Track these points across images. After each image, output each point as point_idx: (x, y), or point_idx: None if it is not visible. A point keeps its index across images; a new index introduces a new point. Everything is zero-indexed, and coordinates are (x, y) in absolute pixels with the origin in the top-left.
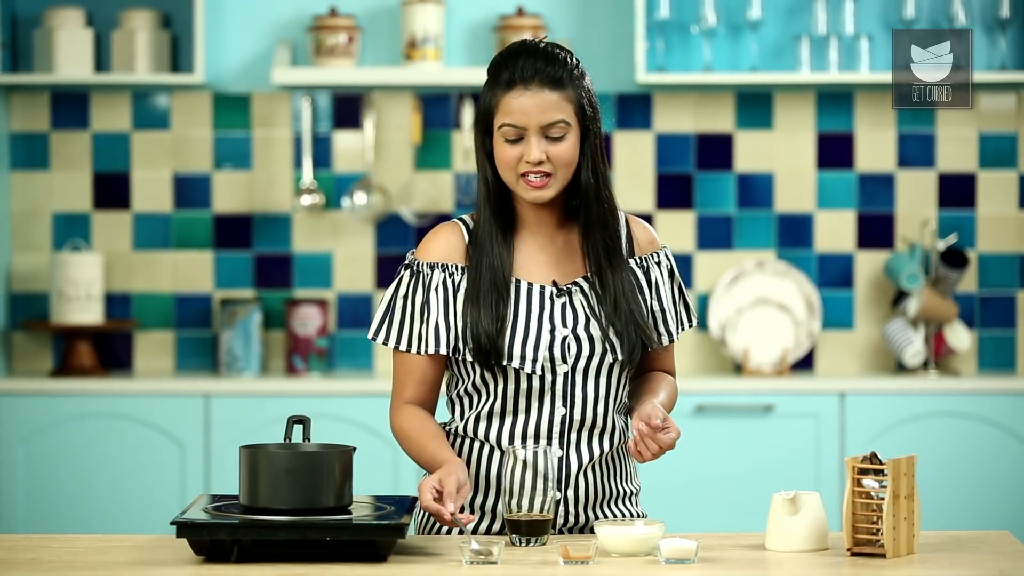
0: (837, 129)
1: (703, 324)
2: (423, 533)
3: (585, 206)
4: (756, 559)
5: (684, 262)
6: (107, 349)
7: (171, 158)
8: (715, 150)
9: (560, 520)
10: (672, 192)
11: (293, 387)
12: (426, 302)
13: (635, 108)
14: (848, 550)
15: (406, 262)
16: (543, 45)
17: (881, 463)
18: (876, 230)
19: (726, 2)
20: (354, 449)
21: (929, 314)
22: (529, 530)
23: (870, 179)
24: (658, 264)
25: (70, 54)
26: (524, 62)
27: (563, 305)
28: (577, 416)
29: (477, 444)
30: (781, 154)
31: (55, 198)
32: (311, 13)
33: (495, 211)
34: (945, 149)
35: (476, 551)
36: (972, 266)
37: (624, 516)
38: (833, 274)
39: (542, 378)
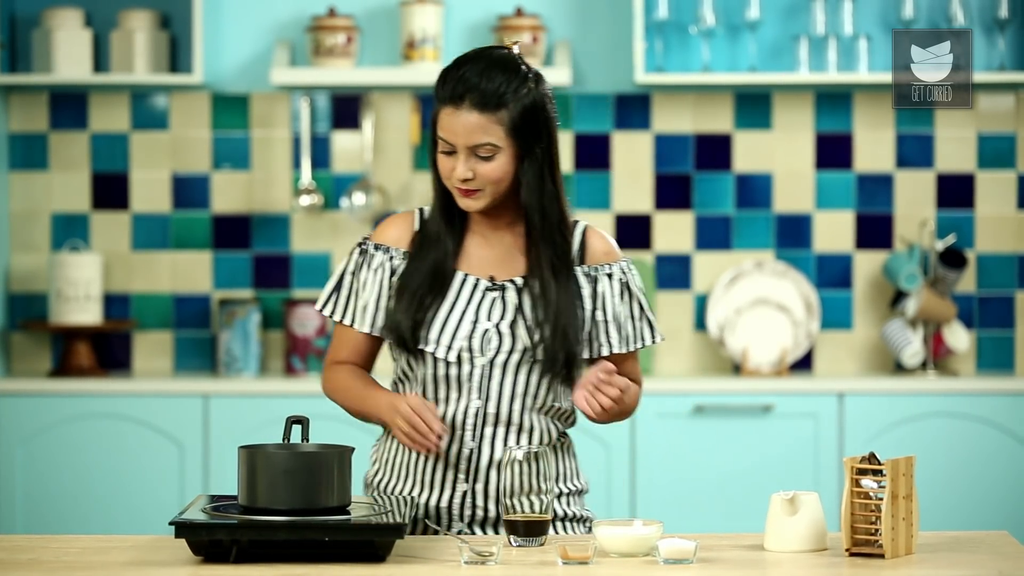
0: (836, 129)
1: (701, 324)
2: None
3: (528, 220)
4: (755, 559)
5: (683, 262)
6: (106, 349)
7: (170, 158)
8: (714, 150)
9: (468, 512)
10: (671, 192)
11: (292, 387)
12: (365, 281)
13: (634, 108)
14: (847, 550)
15: (359, 241)
16: (486, 62)
17: (880, 463)
18: (875, 230)
19: (725, 2)
20: (353, 449)
21: (928, 314)
22: (527, 531)
23: (869, 179)
24: (609, 276)
25: (69, 54)
26: (460, 78)
27: (494, 300)
28: (492, 410)
29: None
30: (780, 154)
31: (54, 198)
32: (310, 13)
33: (443, 209)
34: (944, 149)
35: (475, 551)
36: (971, 266)
37: (558, 515)
38: (832, 274)
39: (459, 368)
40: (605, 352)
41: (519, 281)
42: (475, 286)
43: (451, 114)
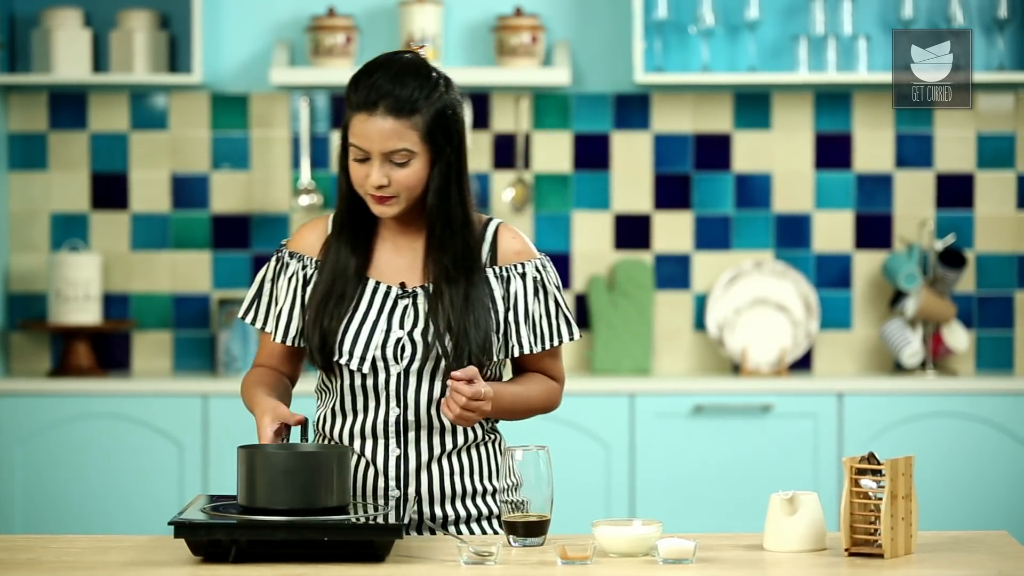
0: (835, 129)
1: (700, 324)
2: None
3: (430, 226)
4: (754, 559)
5: (682, 262)
6: (105, 349)
7: (169, 158)
8: (713, 150)
9: (405, 519)
10: (670, 192)
11: None
12: (280, 290)
13: (633, 108)
14: (846, 550)
15: (277, 248)
16: (397, 68)
17: (879, 463)
18: (874, 230)
19: (724, 2)
20: (352, 450)
21: (927, 314)
22: (527, 531)
23: (868, 179)
24: (522, 276)
25: (68, 54)
26: (373, 85)
27: (405, 307)
28: (411, 417)
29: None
30: (779, 154)
31: (53, 198)
32: (309, 13)
33: (348, 215)
34: (943, 149)
35: (475, 551)
36: (970, 266)
37: (491, 512)
38: (831, 274)
39: (375, 377)
40: (517, 353)
41: (430, 287)
42: (386, 294)
43: (364, 121)
